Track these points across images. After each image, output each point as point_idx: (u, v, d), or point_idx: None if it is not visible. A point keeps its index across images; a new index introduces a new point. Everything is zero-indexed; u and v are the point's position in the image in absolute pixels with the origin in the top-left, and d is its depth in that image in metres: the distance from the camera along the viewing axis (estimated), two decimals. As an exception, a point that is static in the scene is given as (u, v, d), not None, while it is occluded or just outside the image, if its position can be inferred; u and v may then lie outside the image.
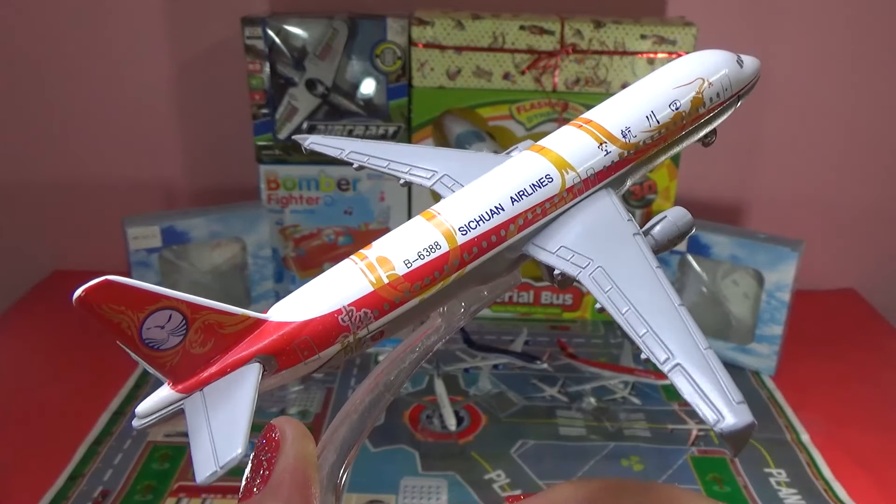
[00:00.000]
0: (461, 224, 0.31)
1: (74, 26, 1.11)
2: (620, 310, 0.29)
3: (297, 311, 0.29)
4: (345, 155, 0.41)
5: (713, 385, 0.26)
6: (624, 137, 0.34)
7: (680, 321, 0.29)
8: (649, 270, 0.30)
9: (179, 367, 0.27)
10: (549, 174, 0.33)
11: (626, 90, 0.36)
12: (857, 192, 1.20)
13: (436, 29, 0.97)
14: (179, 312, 0.26)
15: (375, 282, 0.30)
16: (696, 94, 0.36)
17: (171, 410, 0.27)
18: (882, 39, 1.12)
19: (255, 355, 0.28)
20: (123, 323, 0.25)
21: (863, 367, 1.01)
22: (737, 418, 0.25)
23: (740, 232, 0.99)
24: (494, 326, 1.08)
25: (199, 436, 0.26)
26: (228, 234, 1.01)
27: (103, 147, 1.17)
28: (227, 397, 0.27)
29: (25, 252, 1.22)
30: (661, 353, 0.28)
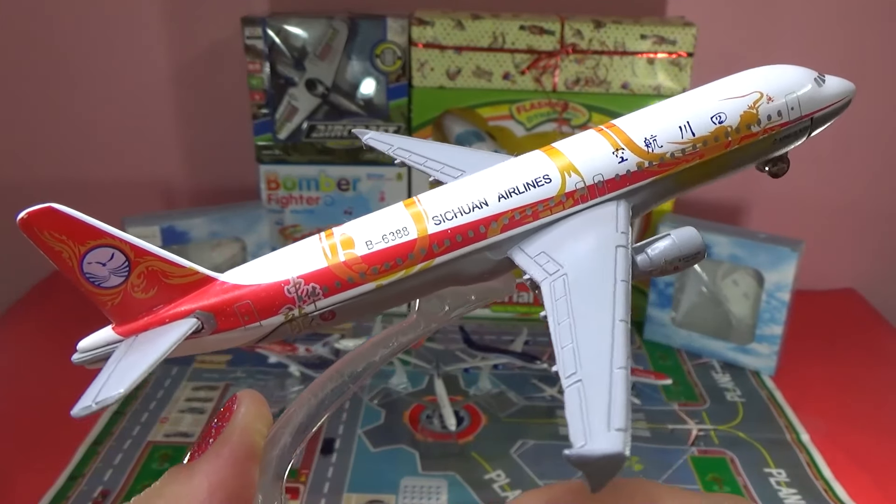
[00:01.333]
0: (436, 213, 0.30)
1: (74, 26, 1.11)
2: (558, 321, 0.27)
3: (248, 276, 0.29)
4: (392, 151, 0.40)
5: (600, 406, 0.23)
6: (647, 147, 0.31)
7: (608, 338, 0.26)
8: (609, 284, 0.27)
9: (121, 309, 0.27)
10: (547, 175, 0.30)
11: (673, 98, 0.33)
12: (857, 192, 1.20)
13: (436, 29, 0.97)
14: (122, 253, 0.27)
15: (331, 258, 0.29)
16: (748, 108, 0.32)
17: (107, 350, 0.28)
18: (882, 39, 1.12)
19: (194, 311, 0.28)
20: (65, 253, 0.26)
21: (863, 367, 1.01)
22: (599, 444, 0.22)
23: (740, 232, 0.99)
24: (494, 326, 1.08)
25: (103, 374, 0.27)
26: (228, 234, 1.01)
27: (103, 147, 1.18)
28: (150, 344, 0.27)
29: (25, 252, 1.22)
30: (572, 367, 0.25)
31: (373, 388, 0.91)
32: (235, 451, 0.27)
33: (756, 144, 0.33)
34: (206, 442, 0.28)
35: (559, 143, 0.32)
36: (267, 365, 0.96)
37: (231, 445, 0.27)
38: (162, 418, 0.86)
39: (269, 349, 0.99)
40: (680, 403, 0.91)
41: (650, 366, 0.99)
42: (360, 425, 0.85)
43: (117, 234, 0.26)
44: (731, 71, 1.27)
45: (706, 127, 0.31)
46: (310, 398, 0.33)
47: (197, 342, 0.29)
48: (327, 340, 1.01)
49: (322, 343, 1.00)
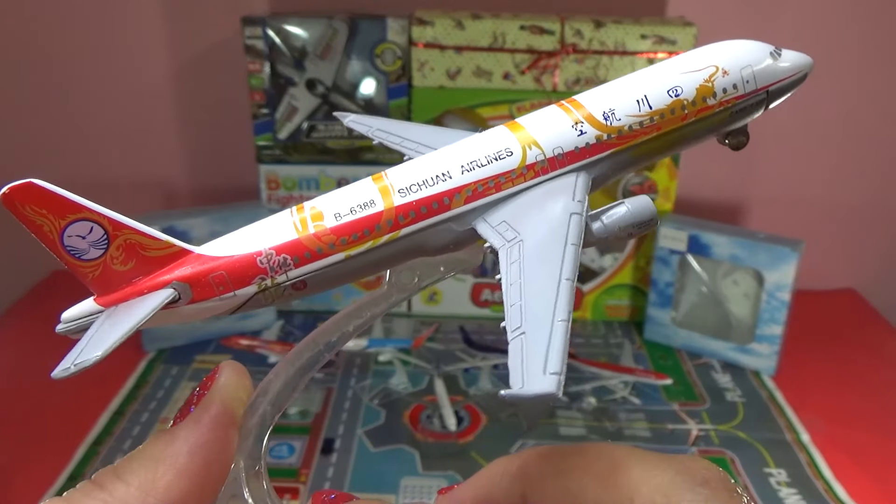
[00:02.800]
0: (401, 186, 0.31)
1: (74, 26, 1.11)
2: (510, 282, 0.28)
3: (223, 248, 0.31)
4: (371, 132, 0.41)
5: (538, 353, 0.25)
6: (605, 120, 0.32)
7: (551, 295, 0.27)
8: (559, 247, 0.29)
9: (101, 280, 0.29)
10: (508, 148, 0.32)
11: (630, 74, 0.34)
12: (857, 192, 1.20)
13: (436, 29, 0.97)
14: (101, 226, 0.28)
15: (301, 230, 0.30)
16: (704, 82, 0.33)
17: (89, 321, 0.29)
18: (882, 39, 1.12)
19: (171, 282, 0.29)
20: (45, 227, 0.28)
21: (863, 367, 1.01)
22: (534, 386, 0.23)
23: (740, 232, 0.99)
24: (494, 326, 1.08)
25: (83, 340, 0.28)
26: (228, 233, 1.01)
27: (103, 147, 1.17)
28: (128, 313, 0.29)
29: (24, 252, 1.22)
30: (518, 321, 0.27)
31: (373, 388, 0.92)
32: (215, 417, 0.28)
33: (712, 117, 0.34)
34: (188, 408, 0.29)
35: (522, 118, 0.33)
36: (266, 365, 0.96)
37: (210, 411, 0.28)
38: (162, 418, 0.86)
39: (269, 349, 0.99)
40: (680, 403, 0.91)
41: (650, 366, 0.99)
42: (360, 425, 0.85)
43: (95, 208, 0.28)
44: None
45: (663, 100, 0.32)
46: (287, 367, 0.34)
47: (174, 312, 0.31)
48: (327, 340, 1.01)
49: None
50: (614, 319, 1.11)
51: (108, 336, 0.28)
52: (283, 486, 0.75)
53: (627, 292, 1.10)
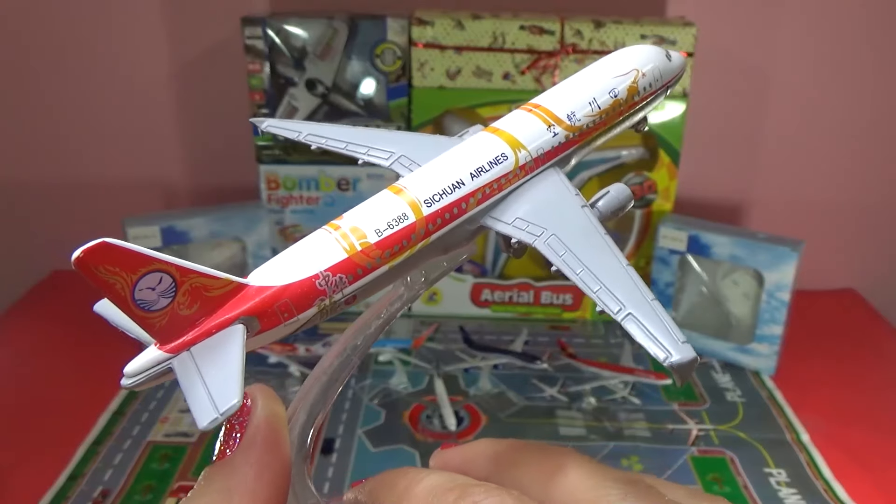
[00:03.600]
0: (426, 197, 0.34)
1: (74, 26, 1.11)
2: (575, 270, 0.32)
3: (277, 276, 0.31)
4: (302, 137, 0.43)
5: (660, 329, 0.29)
6: (569, 121, 0.37)
7: (628, 278, 0.31)
8: (599, 237, 0.33)
9: (168, 327, 0.28)
10: (504, 153, 0.36)
11: (570, 79, 0.40)
12: (857, 192, 1.20)
13: (436, 29, 0.97)
14: (169, 275, 0.27)
15: (349, 249, 0.32)
16: (631, 83, 0.39)
17: (159, 370, 0.28)
18: (882, 39, 1.12)
19: (238, 317, 0.29)
20: (118, 284, 0.27)
21: (863, 367, 1.01)
22: (682, 354, 0.28)
23: (740, 232, 0.99)
24: (494, 326, 1.08)
25: (194, 389, 0.27)
26: (228, 234, 1.01)
27: (103, 147, 1.18)
28: (217, 355, 0.28)
29: (24, 252, 1.22)
30: (614, 304, 0.31)
31: (373, 388, 0.92)
32: (267, 438, 0.29)
33: (636, 111, 0.40)
34: (233, 438, 0.29)
35: (500, 124, 0.38)
36: (267, 365, 0.96)
37: (262, 433, 0.29)
38: (162, 418, 0.86)
39: (270, 349, 0.99)
40: (680, 403, 0.91)
41: (650, 366, 0.99)
42: (360, 425, 0.85)
43: (164, 258, 0.27)
44: (731, 70, 1.27)
45: (606, 101, 0.38)
46: (320, 376, 0.36)
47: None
48: (327, 341, 1.01)
49: (322, 343, 1.01)
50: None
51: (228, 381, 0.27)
52: (283, 486, 0.75)
53: (627, 292, 1.09)
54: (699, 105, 1.05)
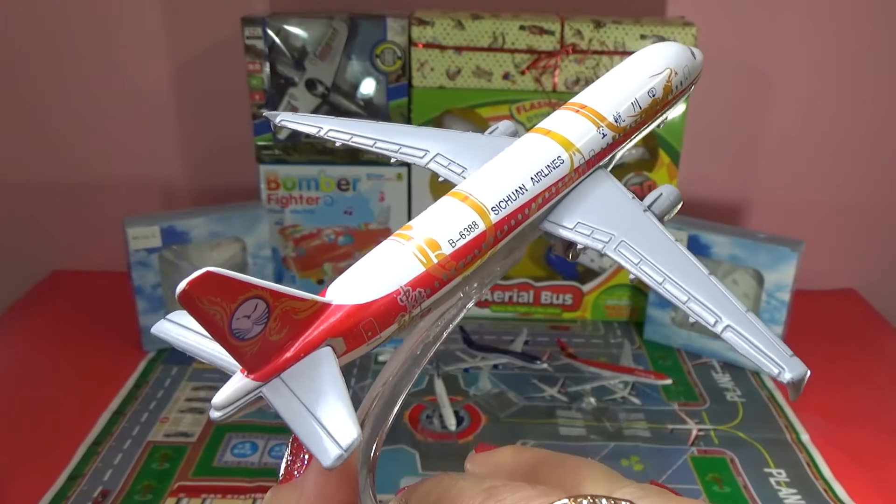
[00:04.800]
0: (493, 204, 0.33)
1: (74, 26, 1.11)
2: (657, 280, 0.31)
3: (357, 293, 0.29)
4: (323, 133, 0.41)
5: (765, 342, 0.29)
6: (616, 122, 0.37)
7: (716, 288, 0.31)
8: (670, 243, 0.33)
9: (258, 355, 0.27)
10: (560, 156, 0.35)
11: (608, 77, 0.39)
12: (857, 192, 1.20)
13: (436, 29, 0.97)
14: (264, 301, 0.26)
15: (426, 262, 0.31)
16: (666, 82, 0.39)
17: (250, 398, 0.27)
18: (883, 39, 1.12)
19: (325, 338, 0.28)
20: (218, 315, 0.25)
21: (863, 367, 1.01)
22: (794, 369, 0.29)
23: (740, 232, 0.99)
24: (494, 326, 1.08)
25: (305, 423, 0.26)
26: (228, 234, 1.01)
27: (103, 147, 1.17)
28: (311, 380, 0.27)
29: (24, 252, 1.22)
30: (709, 316, 0.30)
31: (373, 388, 0.91)
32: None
33: (667, 109, 0.40)
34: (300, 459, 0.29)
35: (551, 126, 0.37)
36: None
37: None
38: (162, 418, 0.86)
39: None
40: (680, 403, 0.91)
41: (650, 366, 0.99)
42: (360, 425, 0.85)
43: (260, 283, 0.26)
44: (731, 70, 1.27)
45: (646, 101, 0.38)
46: (381, 388, 0.35)
47: None
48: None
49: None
50: (614, 319, 1.11)
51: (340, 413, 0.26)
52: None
53: (627, 292, 1.10)
54: (699, 105, 1.05)
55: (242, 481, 0.77)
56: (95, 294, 1.14)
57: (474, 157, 0.37)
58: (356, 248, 1.08)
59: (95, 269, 1.19)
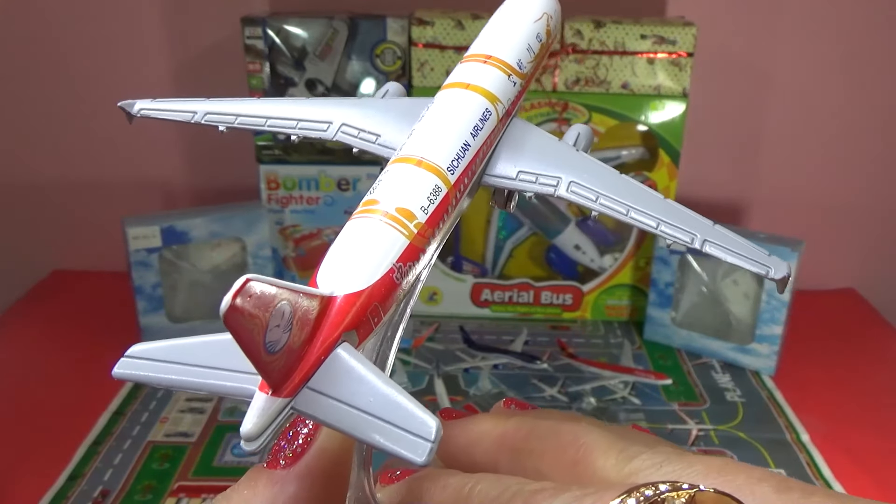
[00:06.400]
0: (447, 164, 0.32)
1: (74, 25, 1.11)
2: (622, 211, 0.31)
3: (353, 279, 0.27)
4: (199, 118, 0.38)
5: (744, 248, 0.30)
6: (520, 69, 0.37)
7: (678, 210, 0.31)
8: (617, 176, 0.32)
9: (283, 368, 0.24)
10: (487, 108, 0.34)
11: (497, 26, 0.38)
12: (857, 192, 1.20)
13: (436, 29, 0.97)
14: (289, 303, 0.23)
15: (407, 234, 0.29)
16: (546, 26, 0.39)
17: (283, 419, 0.24)
18: (883, 39, 1.12)
19: (341, 334, 0.25)
20: (255, 329, 0.22)
21: (863, 367, 1.01)
22: (780, 267, 0.30)
23: (740, 232, 0.98)
24: (494, 326, 1.08)
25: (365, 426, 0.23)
26: (228, 234, 1.01)
27: (103, 147, 1.17)
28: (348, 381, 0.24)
29: (24, 252, 1.22)
30: (684, 235, 0.31)
31: (373, 388, 0.91)
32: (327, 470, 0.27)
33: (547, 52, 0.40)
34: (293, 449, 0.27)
35: (468, 79, 0.35)
36: (267, 365, 0.96)
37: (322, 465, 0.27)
38: (162, 418, 0.86)
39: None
40: (680, 403, 0.91)
41: (650, 366, 0.99)
42: (360, 425, 0.85)
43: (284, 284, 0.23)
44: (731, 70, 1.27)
45: (536, 46, 0.38)
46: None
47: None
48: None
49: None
50: (614, 319, 1.11)
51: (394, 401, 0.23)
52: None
53: (627, 292, 1.10)
54: (699, 105, 1.05)
55: (242, 481, 0.77)
56: (95, 294, 1.14)
57: (383, 122, 0.35)
58: (356, 248, 1.08)
59: (95, 269, 1.19)
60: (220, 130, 0.38)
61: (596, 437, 0.28)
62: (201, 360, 0.24)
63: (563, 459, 0.28)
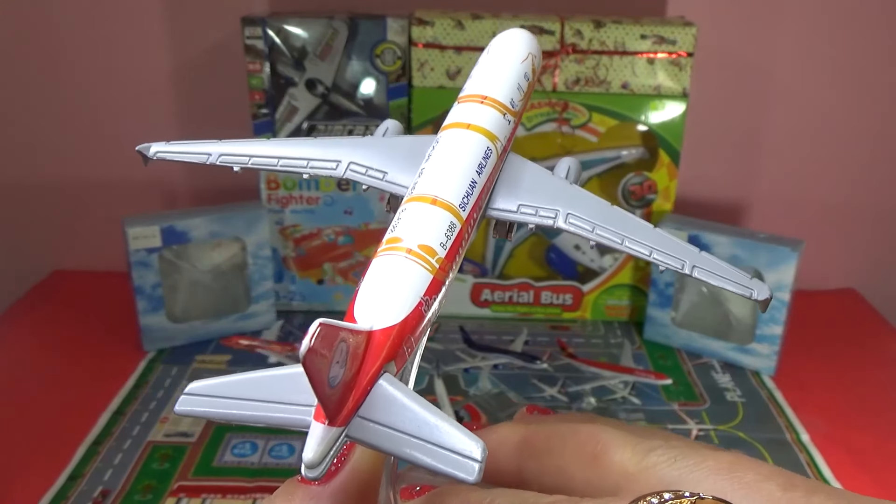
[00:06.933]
0: (459, 202, 0.34)
1: (73, 25, 1.11)
2: (617, 241, 0.33)
3: (388, 314, 0.29)
4: (215, 160, 0.40)
5: (729, 273, 0.32)
6: (513, 107, 0.39)
7: (667, 239, 0.33)
8: (609, 207, 0.34)
9: (339, 399, 0.26)
10: (488, 147, 0.36)
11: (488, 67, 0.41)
12: (857, 192, 1.20)
13: (436, 29, 0.97)
14: (345, 342, 0.25)
15: (430, 269, 0.31)
16: (532, 66, 0.41)
17: (339, 446, 0.26)
18: (883, 39, 1.12)
19: (382, 366, 0.27)
20: (323, 366, 0.24)
21: (863, 367, 1.01)
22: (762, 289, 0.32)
23: (740, 232, 0.99)
24: (494, 326, 1.08)
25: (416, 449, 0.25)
26: (228, 234, 1.01)
27: (103, 147, 1.17)
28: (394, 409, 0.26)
29: (25, 252, 1.22)
30: (676, 262, 0.32)
31: (373, 388, 0.91)
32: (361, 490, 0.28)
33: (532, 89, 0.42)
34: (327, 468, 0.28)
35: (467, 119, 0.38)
36: (266, 365, 0.96)
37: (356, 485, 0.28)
38: (162, 418, 0.86)
39: (270, 349, 1.00)
40: (680, 403, 0.91)
41: (650, 366, 0.99)
42: (360, 425, 0.85)
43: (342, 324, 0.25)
44: (731, 70, 1.27)
45: (525, 84, 0.40)
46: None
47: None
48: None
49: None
50: (614, 319, 1.11)
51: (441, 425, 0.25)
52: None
53: (627, 292, 1.10)
54: (699, 105, 1.05)
55: (242, 481, 0.77)
56: (95, 294, 1.14)
57: (389, 160, 0.38)
58: (356, 248, 1.08)
59: (95, 269, 1.19)
60: (235, 171, 0.40)
61: (613, 434, 0.30)
62: (255, 394, 0.26)
63: (582, 456, 0.30)
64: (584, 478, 0.29)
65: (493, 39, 0.43)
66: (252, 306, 1.04)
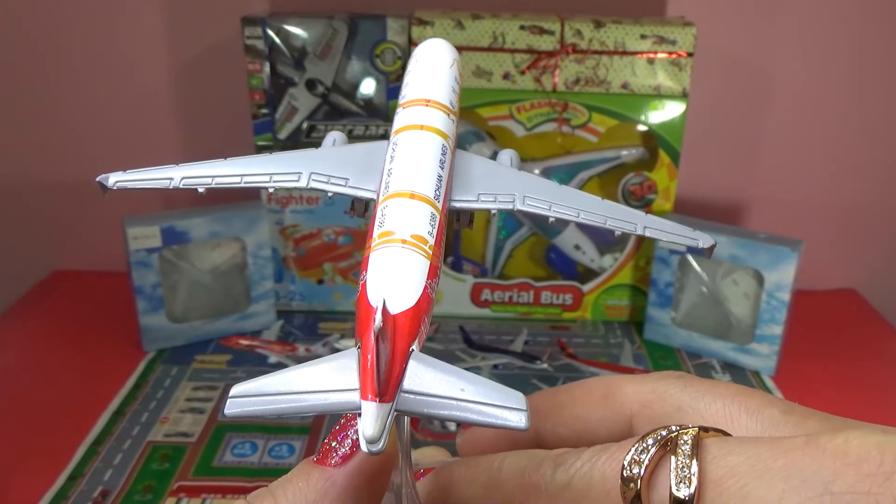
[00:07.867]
0: (433, 195, 0.36)
1: (73, 25, 1.11)
2: (573, 215, 0.36)
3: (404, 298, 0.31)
4: (177, 183, 0.42)
5: (675, 229, 0.36)
6: (453, 108, 0.41)
7: (617, 207, 0.36)
8: (559, 187, 0.37)
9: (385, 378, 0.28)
10: (443, 144, 0.39)
11: (423, 74, 0.43)
12: (857, 192, 1.20)
13: (436, 29, 0.97)
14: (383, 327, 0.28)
15: (427, 255, 0.33)
16: (458, 71, 0.44)
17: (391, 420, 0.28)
18: (883, 39, 1.12)
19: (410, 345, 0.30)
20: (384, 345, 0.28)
21: (863, 367, 1.01)
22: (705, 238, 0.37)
23: (740, 232, 0.99)
24: (494, 326, 1.08)
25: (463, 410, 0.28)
26: (228, 234, 1.01)
27: (103, 147, 1.17)
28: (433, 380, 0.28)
29: (24, 252, 1.22)
30: (628, 226, 0.35)
31: (373, 388, 0.91)
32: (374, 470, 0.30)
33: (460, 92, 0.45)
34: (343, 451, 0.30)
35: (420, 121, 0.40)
36: (267, 365, 0.96)
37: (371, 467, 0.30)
38: (162, 418, 0.86)
39: (269, 349, 1.00)
40: (680, 403, 0.91)
41: (650, 366, 0.99)
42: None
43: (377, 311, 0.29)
44: (731, 70, 1.27)
45: (456, 87, 0.43)
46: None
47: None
48: (327, 340, 1.01)
49: (322, 343, 1.01)
50: (614, 319, 1.11)
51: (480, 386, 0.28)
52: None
53: (627, 292, 1.10)
54: (699, 105, 1.05)
55: (242, 481, 0.77)
56: (95, 294, 1.14)
57: (348, 168, 0.40)
58: (356, 247, 1.08)
59: (95, 269, 1.19)
60: (200, 192, 0.41)
61: (618, 375, 0.33)
62: (297, 387, 0.28)
63: (594, 398, 0.32)
64: (599, 416, 0.32)
65: (416, 49, 0.46)
66: (252, 306, 1.04)
